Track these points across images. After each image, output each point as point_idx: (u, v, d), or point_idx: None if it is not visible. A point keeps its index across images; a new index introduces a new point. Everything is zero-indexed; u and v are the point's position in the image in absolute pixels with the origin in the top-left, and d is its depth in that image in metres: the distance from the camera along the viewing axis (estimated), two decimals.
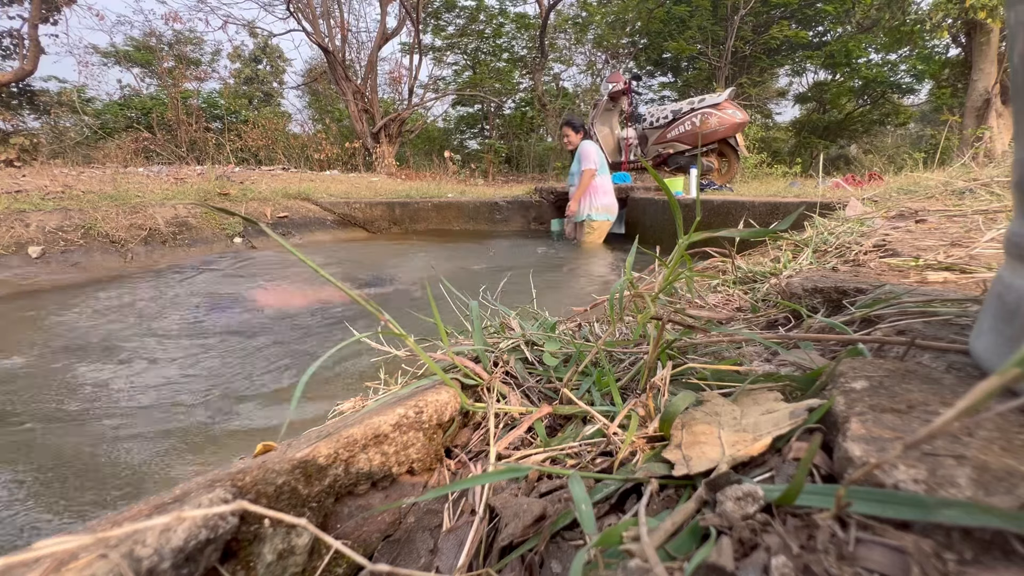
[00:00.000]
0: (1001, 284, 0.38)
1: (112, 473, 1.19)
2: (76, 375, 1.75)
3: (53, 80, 13.00)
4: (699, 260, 1.32)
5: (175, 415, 1.46)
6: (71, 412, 1.48)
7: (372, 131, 10.77)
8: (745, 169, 8.52)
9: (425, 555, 0.40)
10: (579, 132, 4.63)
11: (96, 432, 1.36)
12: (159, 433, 1.36)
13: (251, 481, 0.36)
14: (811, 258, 1.09)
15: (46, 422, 1.42)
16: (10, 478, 1.16)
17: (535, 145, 14.14)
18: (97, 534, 0.22)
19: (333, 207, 5.48)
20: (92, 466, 1.22)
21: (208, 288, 2.98)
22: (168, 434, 1.36)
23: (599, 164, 4.44)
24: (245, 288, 2.97)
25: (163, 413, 1.47)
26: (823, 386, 0.41)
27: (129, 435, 1.35)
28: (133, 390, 1.62)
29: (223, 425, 1.41)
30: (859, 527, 0.25)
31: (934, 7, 8.44)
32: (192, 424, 1.41)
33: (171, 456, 1.26)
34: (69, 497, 1.11)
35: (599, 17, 15.33)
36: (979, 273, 0.76)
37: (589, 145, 4.44)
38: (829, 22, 13.93)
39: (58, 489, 1.13)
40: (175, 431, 1.37)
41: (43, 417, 1.45)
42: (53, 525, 1.02)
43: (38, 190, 4.40)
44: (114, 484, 1.15)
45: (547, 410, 0.52)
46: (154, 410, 1.49)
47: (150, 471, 1.20)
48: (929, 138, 13.52)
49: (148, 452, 1.28)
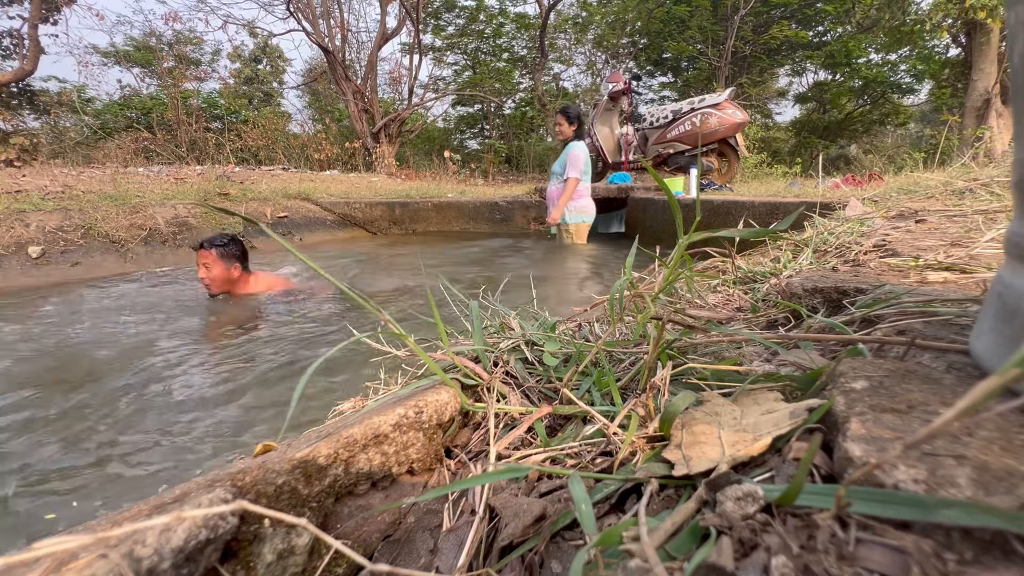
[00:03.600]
0: (1001, 284, 0.38)
1: (111, 473, 1.19)
2: (71, 374, 1.75)
3: (53, 80, 13.02)
4: (699, 260, 1.32)
5: (175, 415, 1.46)
6: (68, 410, 1.48)
7: (372, 131, 10.77)
8: (745, 169, 8.53)
9: (425, 555, 0.40)
10: (573, 124, 4.48)
11: (94, 432, 1.36)
12: (159, 433, 1.36)
13: (251, 481, 0.36)
14: (811, 258, 1.09)
15: (48, 422, 1.42)
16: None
17: (535, 145, 14.15)
18: (97, 534, 0.22)
19: (333, 207, 5.48)
20: (91, 467, 1.21)
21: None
22: (168, 434, 1.36)
23: (585, 171, 4.36)
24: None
25: (162, 413, 1.47)
26: (823, 386, 0.41)
27: (129, 434, 1.35)
28: (133, 390, 1.62)
29: (223, 425, 1.41)
30: (859, 527, 0.25)
31: (934, 7, 8.44)
32: (192, 424, 1.41)
33: (171, 456, 1.26)
34: (69, 496, 1.11)
35: (599, 17, 15.33)
36: (979, 273, 0.76)
37: (579, 149, 4.37)
38: (829, 22, 13.94)
39: (58, 489, 1.13)
40: (175, 431, 1.37)
41: (44, 417, 1.45)
42: (51, 525, 1.02)
43: (38, 190, 4.40)
44: (114, 484, 1.15)
45: (547, 410, 0.52)
46: (154, 410, 1.49)
47: (150, 471, 1.20)
48: (929, 138, 13.51)
49: (147, 452, 1.28)
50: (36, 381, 1.69)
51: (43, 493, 1.12)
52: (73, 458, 1.24)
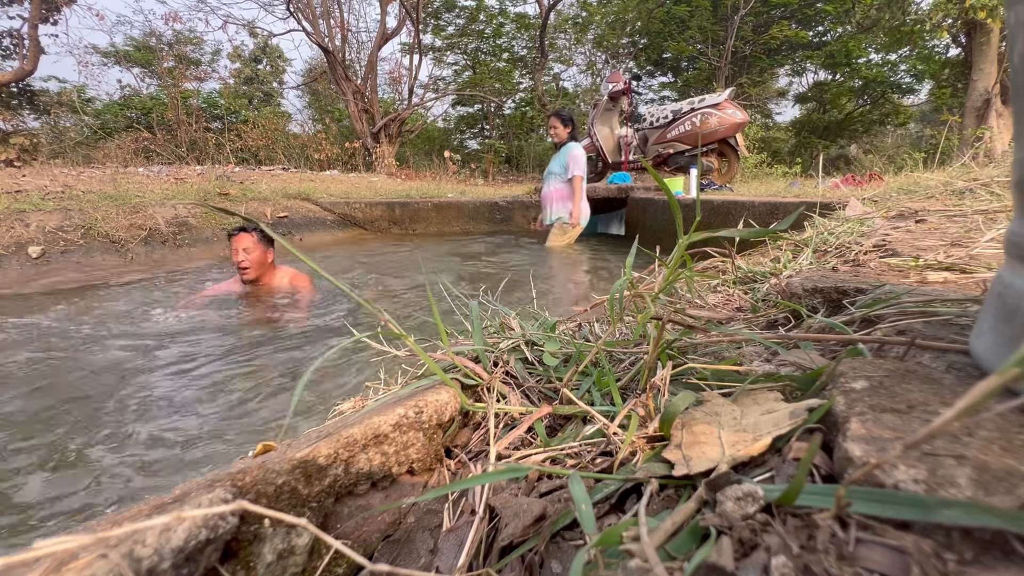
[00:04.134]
0: (1001, 284, 0.38)
1: (111, 473, 1.19)
2: (71, 374, 1.75)
3: (53, 80, 13.01)
4: (699, 260, 1.32)
5: (175, 415, 1.46)
6: (67, 408, 1.48)
7: (372, 131, 10.77)
8: (745, 169, 8.53)
9: (425, 555, 0.40)
10: (567, 126, 4.54)
11: (94, 432, 1.36)
12: (158, 434, 1.36)
13: (251, 481, 0.36)
14: (811, 258, 1.09)
15: (47, 419, 1.42)
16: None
17: (535, 145, 14.15)
18: (97, 534, 0.22)
19: (333, 207, 5.48)
20: (89, 467, 1.21)
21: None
22: (167, 435, 1.36)
23: (586, 170, 4.43)
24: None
25: (162, 413, 1.47)
26: (823, 386, 0.41)
27: (129, 435, 1.35)
28: (133, 391, 1.62)
29: (222, 426, 1.41)
30: (859, 527, 0.25)
31: (934, 7, 8.45)
32: (192, 425, 1.41)
33: (170, 456, 1.26)
34: (67, 495, 1.11)
35: (599, 17, 15.33)
36: (979, 273, 0.76)
37: (579, 149, 4.38)
38: (829, 22, 13.94)
39: (58, 488, 1.13)
40: (175, 431, 1.37)
41: (45, 415, 1.45)
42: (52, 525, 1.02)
43: (38, 190, 4.40)
44: (113, 485, 1.15)
45: (547, 410, 0.52)
46: (154, 410, 1.49)
47: (149, 472, 1.20)
48: (929, 138, 13.52)
49: (147, 452, 1.28)
50: (36, 381, 1.69)
51: (43, 492, 1.12)
52: (73, 458, 1.24)
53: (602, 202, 5.74)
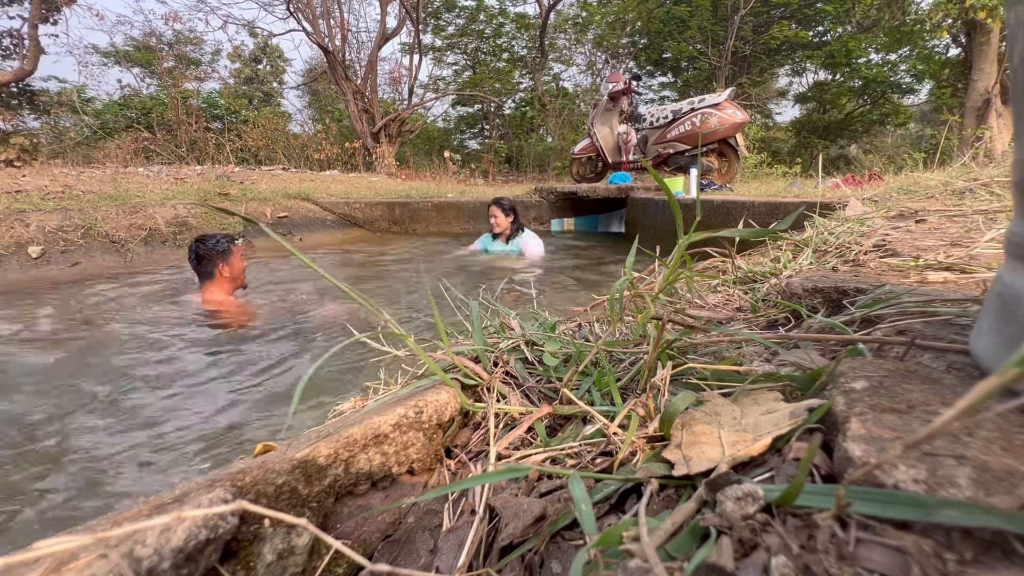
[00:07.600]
0: (1001, 284, 0.38)
1: (111, 473, 1.19)
2: (75, 375, 1.75)
3: (53, 80, 13.01)
4: (699, 260, 1.32)
5: (175, 415, 1.46)
6: (69, 410, 1.48)
7: (372, 131, 10.77)
8: (745, 169, 8.53)
9: (425, 555, 0.40)
10: (508, 215, 3.82)
11: (93, 433, 1.36)
12: (158, 434, 1.36)
13: (251, 481, 0.36)
14: (811, 258, 1.09)
15: (48, 419, 1.42)
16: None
17: (535, 145, 14.16)
18: (97, 534, 0.22)
19: (333, 207, 5.48)
20: (89, 467, 1.21)
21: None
22: (167, 435, 1.36)
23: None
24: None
25: (162, 413, 1.47)
26: (823, 386, 0.40)
27: (127, 436, 1.35)
28: (133, 391, 1.62)
29: (223, 426, 1.41)
30: (859, 527, 0.25)
31: (934, 7, 8.45)
32: (192, 425, 1.41)
33: (170, 456, 1.26)
34: (68, 496, 1.10)
35: (599, 17, 15.34)
36: (979, 273, 0.76)
37: (534, 240, 3.79)
38: (829, 22, 13.95)
39: (58, 489, 1.13)
40: (175, 432, 1.37)
41: (45, 415, 1.45)
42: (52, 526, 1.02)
43: (38, 190, 4.40)
44: (114, 484, 1.15)
45: (547, 410, 0.52)
46: (154, 411, 1.49)
47: (150, 472, 1.20)
48: (929, 138, 13.53)
49: (147, 452, 1.28)
50: (35, 381, 1.69)
51: (42, 493, 1.12)
52: (72, 458, 1.24)
53: (602, 202, 5.74)
